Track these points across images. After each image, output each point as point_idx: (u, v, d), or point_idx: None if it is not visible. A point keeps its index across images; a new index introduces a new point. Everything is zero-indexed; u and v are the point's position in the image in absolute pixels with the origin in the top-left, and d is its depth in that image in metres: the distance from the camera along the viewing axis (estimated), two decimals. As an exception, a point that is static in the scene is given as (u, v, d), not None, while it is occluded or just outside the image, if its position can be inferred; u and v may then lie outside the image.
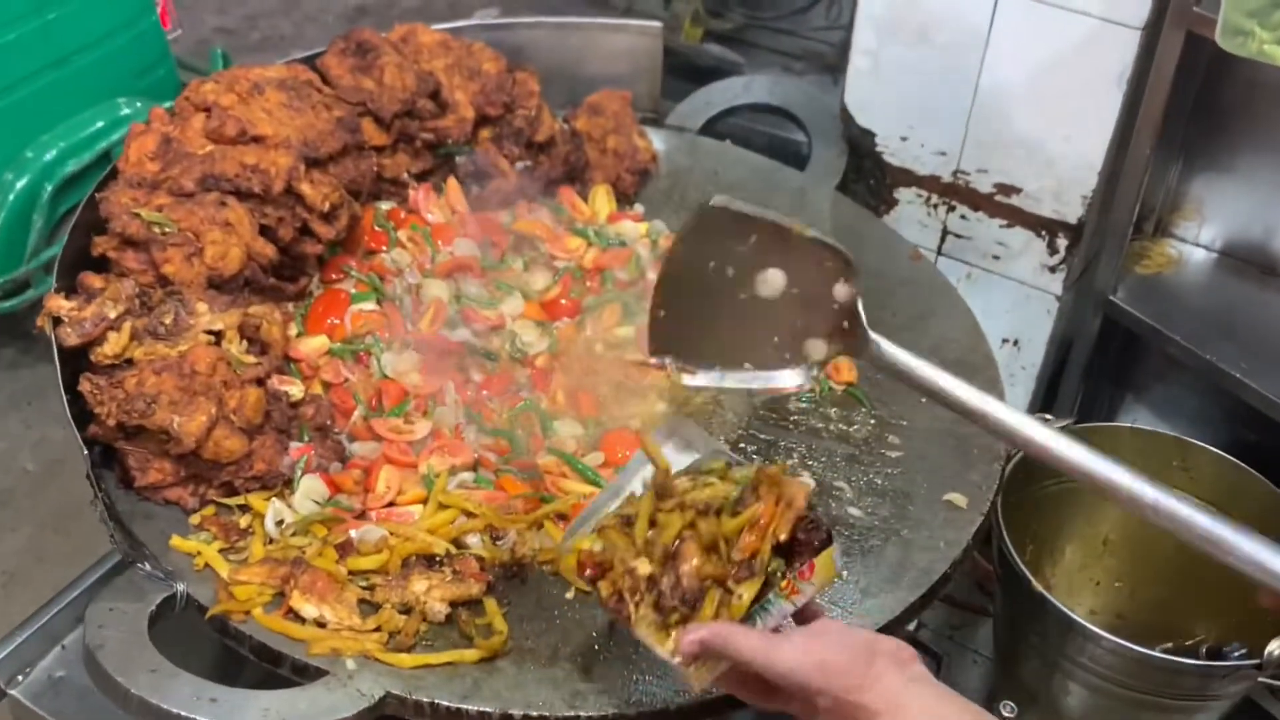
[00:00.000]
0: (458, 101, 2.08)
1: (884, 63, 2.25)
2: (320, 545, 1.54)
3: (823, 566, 1.23)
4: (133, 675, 1.32)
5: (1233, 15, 1.72)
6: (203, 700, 1.31)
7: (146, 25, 3.46)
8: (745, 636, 1.15)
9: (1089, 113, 2.08)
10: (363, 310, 1.89)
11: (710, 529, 1.21)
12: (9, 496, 3.38)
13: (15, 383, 3.61)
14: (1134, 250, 2.38)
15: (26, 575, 3.13)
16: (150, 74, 3.50)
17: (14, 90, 3.16)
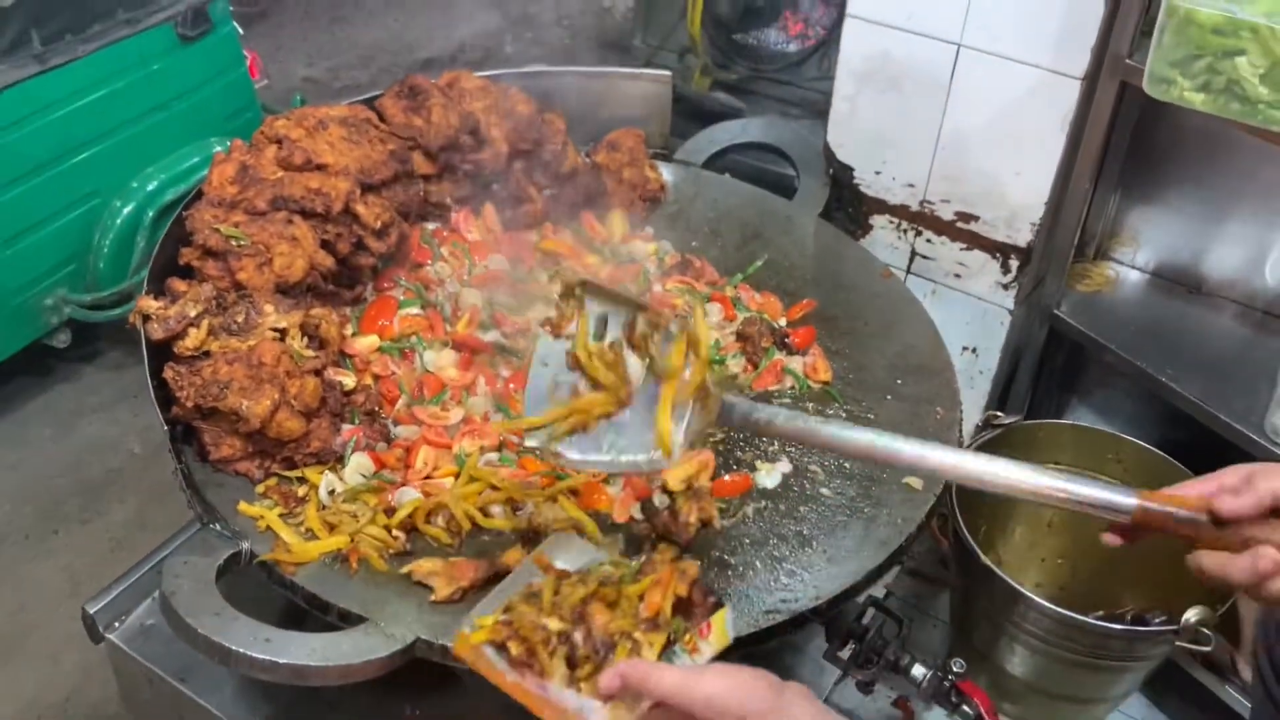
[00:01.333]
0: (494, 138, 2.09)
1: (860, 107, 2.25)
2: (372, 513, 1.55)
3: (718, 628, 1.17)
4: (200, 617, 1.34)
5: (1158, 66, 1.71)
6: (259, 640, 1.32)
7: (236, 76, 3.53)
8: (664, 670, 1.07)
9: (1037, 151, 2.07)
10: (409, 314, 1.90)
11: (613, 593, 1.17)
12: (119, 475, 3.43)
13: (122, 379, 3.67)
14: (1076, 271, 2.37)
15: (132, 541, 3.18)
16: (239, 117, 3.55)
17: (122, 130, 3.23)
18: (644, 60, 3.27)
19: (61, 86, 3.03)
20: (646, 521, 1.62)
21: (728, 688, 1.05)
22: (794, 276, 2.15)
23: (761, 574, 1.55)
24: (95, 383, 3.67)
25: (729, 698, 1.05)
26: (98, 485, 3.38)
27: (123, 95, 3.19)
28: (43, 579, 3.09)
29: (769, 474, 1.74)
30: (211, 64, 3.41)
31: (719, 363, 1.95)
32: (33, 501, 3.32)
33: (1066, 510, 1.15)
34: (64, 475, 3.41)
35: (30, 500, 3.32)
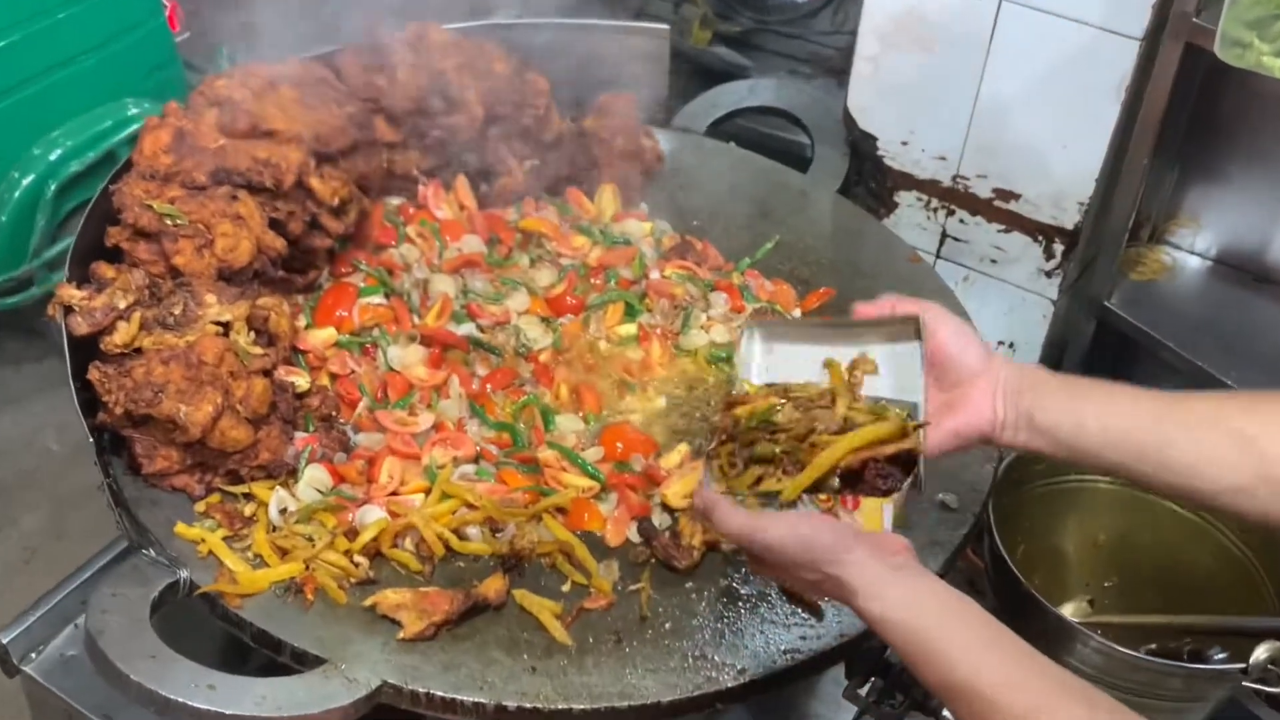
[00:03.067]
0: (467, 100, 2.04)
1: (886, 69, 2.21)
2: (330, 535, 1.51)
3: (870, 510, 1.23)
4: (132, 661, 1.30)
5: (1231, 27, 1.68)
6: (200, 687, 1.28)
7: (154, 26, 3.42)
8: (731, 513, 1.21)
9: (1087, 121, 2.04)
10: (370, 304, 1.86)
11: (806, 425, 1.27)
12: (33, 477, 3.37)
13: (22, 376, 3.60)
14: (1129, 257, 2.35)
15: (49, 552, 3.13)
16: (158, 75, 3.45)
17: (21, 89, 3.11)
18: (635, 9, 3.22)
19: (-58, 41, 2.93)
20: (644, 544, 1.59)
21: (792, 537, 1.16)
22: (809, 261, 2.12)
23: (777, 606, 1.52)
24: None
25: (793, 548, 1.15)
26: (8, 488, 3.32)
27: (18, 50, 3.06)
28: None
29: (783, 490, 1.70)
30: (123, 13, 3.30)
31: (725, 360, 1.91)
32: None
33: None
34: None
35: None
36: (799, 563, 1.17)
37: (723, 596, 1.54)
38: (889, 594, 1.11)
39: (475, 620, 1.47)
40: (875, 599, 1.11)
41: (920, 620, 1.09)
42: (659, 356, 1.91)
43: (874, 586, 1.12)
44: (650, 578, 1.55)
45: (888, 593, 1.11)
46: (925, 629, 1.09)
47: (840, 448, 1.23)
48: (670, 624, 1.49)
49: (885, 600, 1.11)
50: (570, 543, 1.56)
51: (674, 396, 1.86)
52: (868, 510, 1.24)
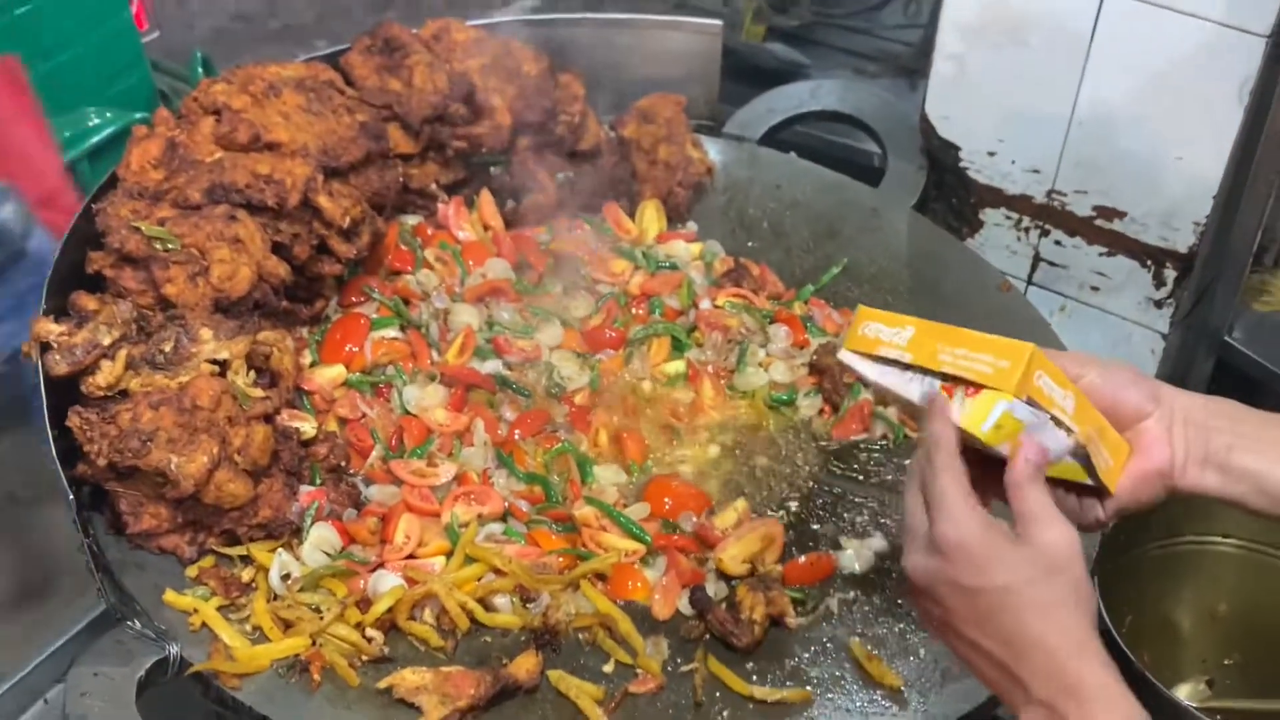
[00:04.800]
0: (494, 106, 2.05)
1: (971, 68, 2.20)
2: (340, 606, 1.51)
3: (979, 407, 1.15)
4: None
5: (1377, 23, 1.66)
6: (194, 784, 1.27)
7: (118, 25, 3.44)
8: (950, 472, 1.11)
9: (1205, 129, 2.01)
10: (384, 337, 1.86)
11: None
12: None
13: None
14: (1252, 284, 2.31)
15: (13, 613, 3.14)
16: (122, 80, 3.47)
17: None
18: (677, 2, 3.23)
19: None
20: (698, 618, 1.58)
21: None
22: (882, 288, 2.12)
23: (853, 691, 1.50)
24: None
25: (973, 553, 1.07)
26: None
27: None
28: (-103, 662, 3.05)
29: (858, 554, 1.70)
30: (83, 11, 3.34)
31: (787, 403, 1.90)
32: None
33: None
34: (-73, 528, 3.37)
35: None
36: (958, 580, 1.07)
37: (787, 679, 1.52)
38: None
39: (504, 705, 1.46)
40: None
41: None
42: (711, 398, 1.90)
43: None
44: (705, 657, 1.53)
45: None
46: None
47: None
48: (729, 711, 1.48)
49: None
50: (612, 615, 1.55)
51: (729, 444, 1.84)
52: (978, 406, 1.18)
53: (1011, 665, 1.05)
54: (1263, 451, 1.19)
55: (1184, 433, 1.22)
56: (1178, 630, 2.25)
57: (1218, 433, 1.21)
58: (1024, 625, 1.04)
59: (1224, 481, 1.21)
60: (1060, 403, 1.16)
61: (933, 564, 1.09)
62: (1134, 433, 1.23)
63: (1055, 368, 1.17)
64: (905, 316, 1.26)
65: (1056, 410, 1.15)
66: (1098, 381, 1.22)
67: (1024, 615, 1.04)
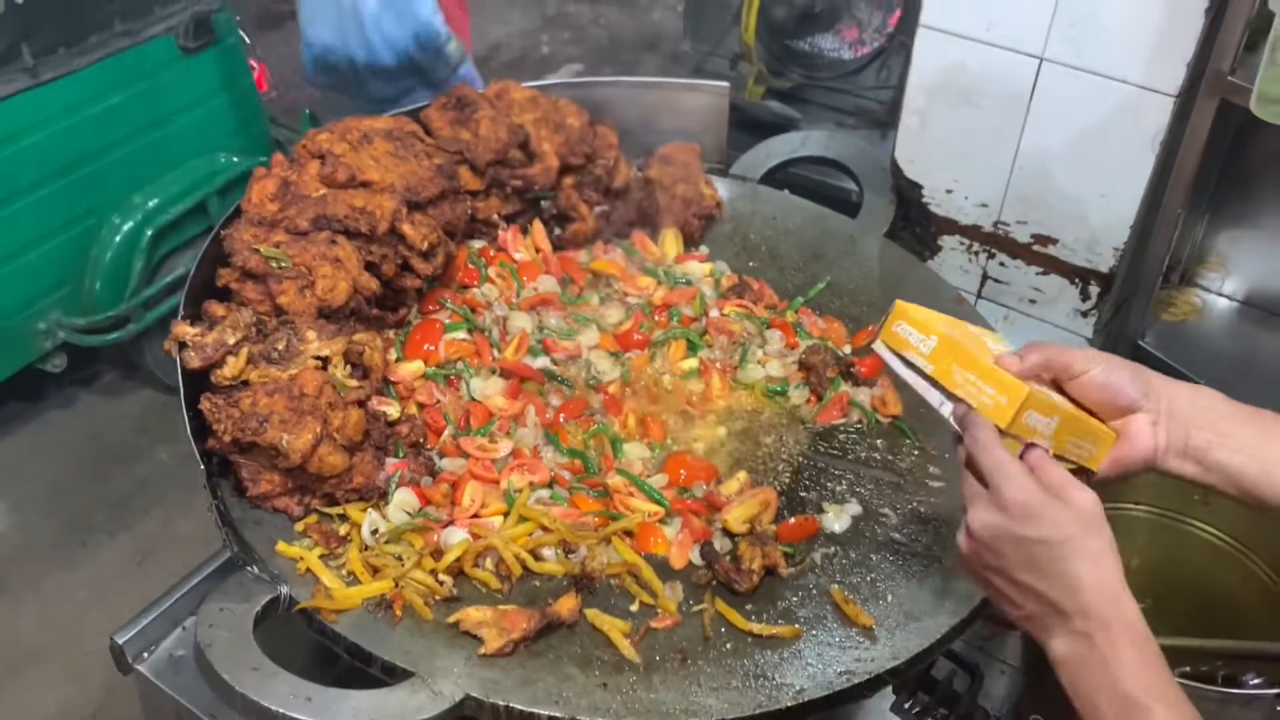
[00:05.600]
0: (544, 152, 2.03)
1: (932, 122, 2.16)
2: (418, 555, 1.49)
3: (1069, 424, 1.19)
4: (237, 673, 1.28)
5: (1268, 87, 1.62)
6: (299, 699, 1.26)
7: (242, 88, 3.45)
8: (994, 450, 1.12)
9: (1123, 172, 1.97)
10: (455, 339, 1.84)
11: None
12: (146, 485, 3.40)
13: (126, 403, 3.64)
14: (1160, 298, 2.27)
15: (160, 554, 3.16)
16: (246, 131, 3.48)
17: (125, 143, 3.15)
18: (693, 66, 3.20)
19: (55, 101, 2.93)
20: (706, 567, 1.56)
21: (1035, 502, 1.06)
22: (859, 301, 2.08)
23: (833, 629, 1.47)
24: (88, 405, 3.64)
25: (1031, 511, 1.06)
26: (125, 496, 3.35)
27: (121, 110, 3.10)
28: (69, 592, 3.07)
29: (837, 517, 1.66)
30: (216, 76, 3.33)
31: (780, 393, 1.87)
32: (59, 512, 3.29)
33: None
34: (92, 485, 3.38)
35: (57, 511, 3.30)
36: (1040, 539, 1.05)
37: (779, 618, 1.50)
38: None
39: (550, 637, 1.44)
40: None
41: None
42: (718, 389, 1.87)
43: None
44: (713, 599, 1.51)
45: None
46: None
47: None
48: (731, 644, 1.46)
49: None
50: (637, 564, 1.53)
51: (733, 427, 1.82)
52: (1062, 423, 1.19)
53: (1062, 602, 1.05)
54: (1237, 449, 1.17)
55: (1168, 426, 1.19)
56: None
57: (1198, 429, 1.18)
58: (1078, 570, 1.04)
59: (1199, 471, 1.19)
60: (1043, 431, 1.16)
61: (996, 520, 1.08)
62: (1125, 422, 1.20)
63: (1045, 399, 1.16)
64: (933, 319, 1.25)
65: (1039, 439, 1.15)
66: (1100, 376, 1.20)
67: (1079, 562, 1.04)
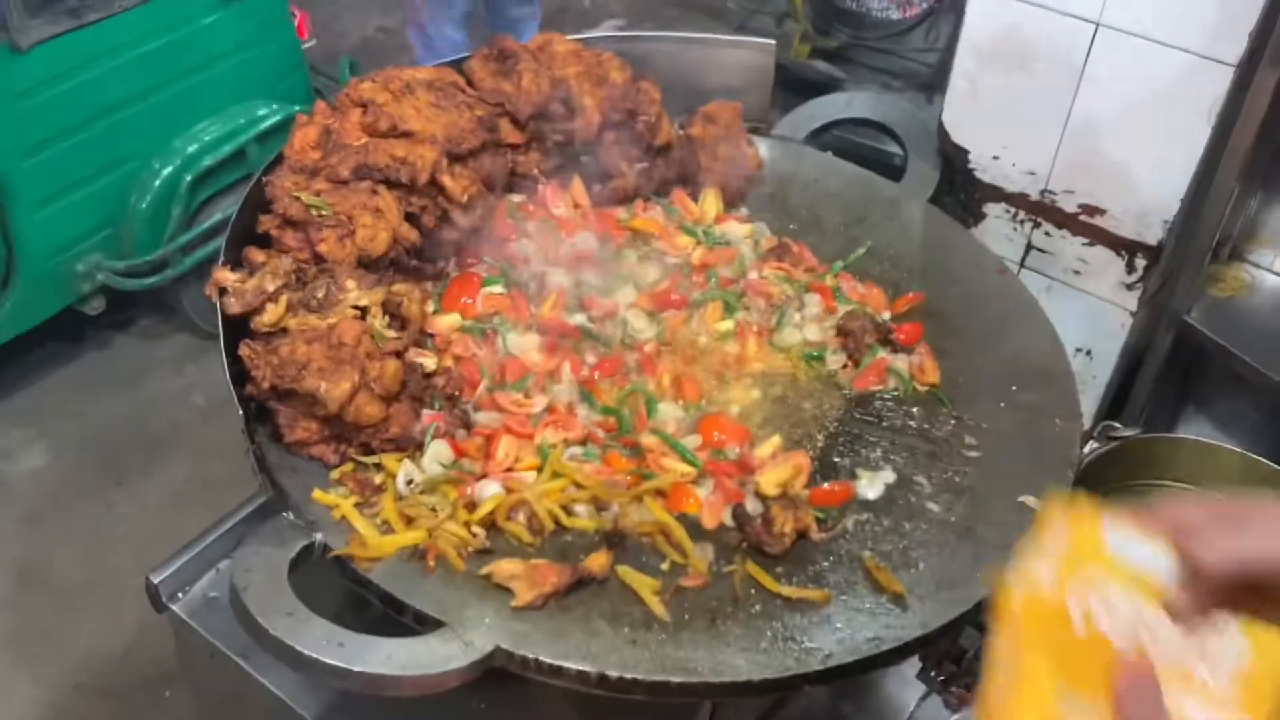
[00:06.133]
0: (586, 106, 2.00)
1: (982, 86, 2.12)
2: (451, 507, 1.50)
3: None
4: (271, 617, 1.29)
5: (1334, 57, 1.57)
6: (332, 644, 1.27)
7: (285, 35, 3.45)
8: None
9: (1177, 143, 1.93)
10: (492, 293, 1.84)
11: None
12: (181, 428, 3.45)
13: (162, 346, 3.68)
14: (1209, 273, 2.24)
15: (194, 497, 3.20)
16: (286, 79, 3.49)
17: (165, 88, 3.17)
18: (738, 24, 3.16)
19: (97, 43, 2.95)
20: (738, 529, 1.55)
21: None
22: (900, 267, 2.05)
23: (864, 595, 1.47)
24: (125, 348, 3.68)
25: None
26: (161, 439, 3.40)
27: (162, 54, 3.11)
28: (105, 531, 3.13)
29: (871, 483, 1.65)
30: (256, 23, 3.32)
31: (817, 358, 1.86)
32: (96, 452, 3.35)
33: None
34: (128, 427, 3.43)
35: (93, 451, 3.35)
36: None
37: (810, 581, 1.50)
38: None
39: (580, 592, 1.44)
40: None
41: None
42: (754, 351, 1.86)
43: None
44: (744, 561, 1.51)
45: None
46: None
47: None
48: (760, 606, 1.46)
49: None
50: (669, 524, 1.53)
51: (768, 390, 1.81)
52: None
53: None
54: None
55: None
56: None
57: None
58: None
59: None
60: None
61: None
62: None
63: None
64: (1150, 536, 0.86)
65: None
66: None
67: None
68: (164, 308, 3.66)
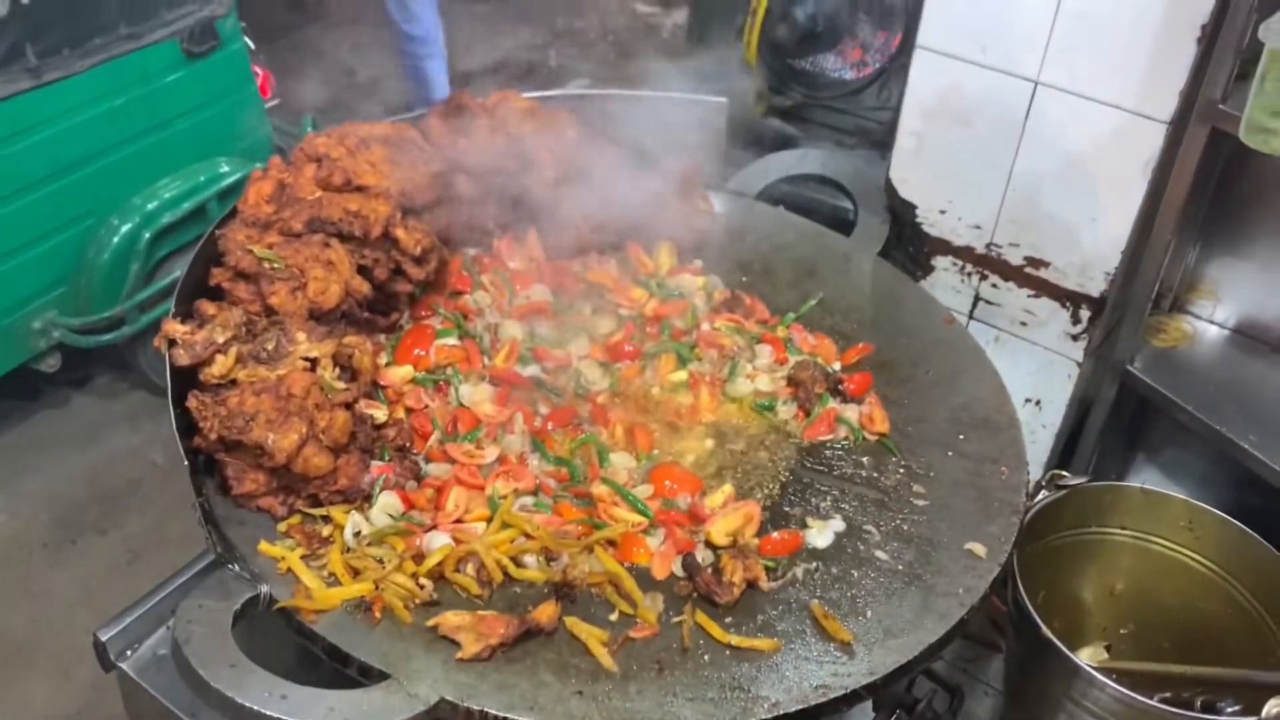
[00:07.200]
0: (541, 161, 2.03)
1: (927, 143, 2.17)
2: (399, 559, 1.49)
3: None
4: (213, 669, 1.28)
5: (1258, 115, 1.63)
6: (274, 697, 1.26)
7: (245, 94, 3.46)
8: None
9: (1116, 197, 1.98)
10: (446, 344, 1.85)
11: None
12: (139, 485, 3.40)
13: (121, 404, 3.65)
14: (1151, 324, 2.28)
15: (150, 555, 3.15)
16: (248, 137, 3.49)
17: (122, 148, 3.15)
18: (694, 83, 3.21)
19: (57, 102, 2.94)
20: (688, 579, 1.55)
21: None
22: (850, 318, 2.08)
23: (812, 643, 1.47)
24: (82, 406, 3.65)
25: None
26: (118, 495, 3.35)
27: (123, 112, 3.10)
28: (58, 590, 3.07)
29: (820, 532, 1.66)
30: (219, 81, 3.34)
31: (769, 408, 1.87)
32: (51, 510, 3.29)
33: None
34: (84, 485, 3.38)
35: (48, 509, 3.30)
36: None
37: (759, 631, 1.49)
38: None
39: (528, 643, 1.44)
40: None
41: None
42: (707, 402, 1.87)
43: None
44: (693, 611, 1.50)
45: None
46: None
47: None
48: (709, 656, 1.45)
49: None
50: (619, 574, 1.53)
51: (720, 440, 1.82)
52: None
53: None
54: None
55: None
56: (1083, 604, 2.21)
57: None
58: None
59: None
60: None
61: None
62: None
63: None
64: None
65: None
66: None
67: None
68: (121, 365, 3.63)
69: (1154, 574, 2.09)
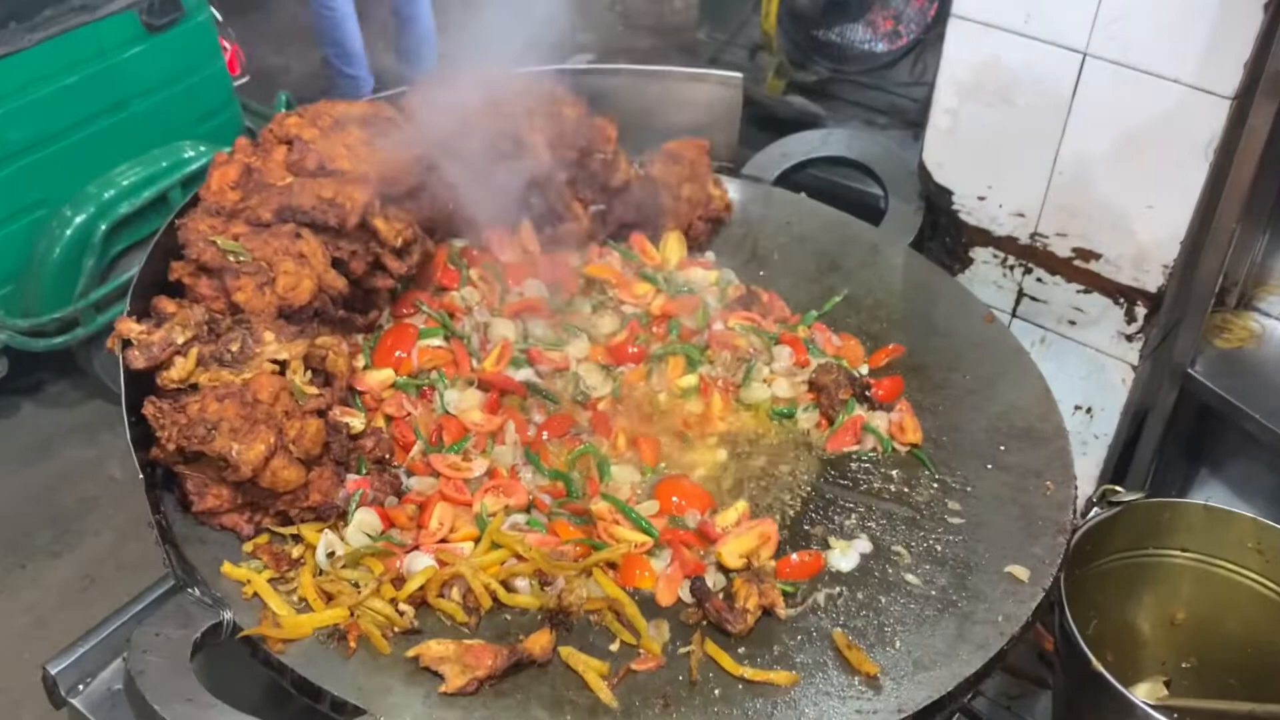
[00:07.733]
0: (535, 143, 2.04)
1: (964, 121, 2.17)
2: (377, 582, 1.49)
3: None
4: (169, 704, 1.29)
5: (1330, 88, 1.62)
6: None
7: (211, 70, 3.47)
8: None
9: (1174, 181, 1.97)
10: (430, 346, 1.86)
11: None
12: (95, 504, 3.42)
13: (80, 413, 3.66)
14: (1214, 322, 2.27)
15: (106, 580, 3.17)
16: (214, 118, 3.51)
17: (76, 131, 3.16)
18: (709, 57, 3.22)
19: (3, 81, 2.95)
20: (697, 605, 1.55)
21: None
22: (879, 317, 2.08)
23: (834, 677, 1.47)
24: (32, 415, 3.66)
25: None
26: (73, 514, 3.37)
27: (77, 91, 3.11)
28: (6, 619, 3.08)
29: (844, 554, 1.66)
30: (182, 57, 3.34)
31: (787, 416, 1.87)
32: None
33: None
34: (35, 503, 3.40)
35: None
36: None
37: (774, 663, 1.49)
38: None
39: (519, 676, 1.44)
40: None
41: None
42: (719, 409, 1.88)
43: None
44: (702, 640, 1.50)
45: None
46: None
47: None
48: (719, 690, 1.45)
49: None
50: (620, 600, 1.53)
51: (734, 451, 1.82)
52: None
53: None
54: None
55: None
56: (1138, 634, 2.20)
57: None
58: None
59: None
60: None
61: None
62: None
63: None
64: None
65: None
66: None
67: None
68: (75, 371, 3.65)
69: (1218, 601, 2.08)
